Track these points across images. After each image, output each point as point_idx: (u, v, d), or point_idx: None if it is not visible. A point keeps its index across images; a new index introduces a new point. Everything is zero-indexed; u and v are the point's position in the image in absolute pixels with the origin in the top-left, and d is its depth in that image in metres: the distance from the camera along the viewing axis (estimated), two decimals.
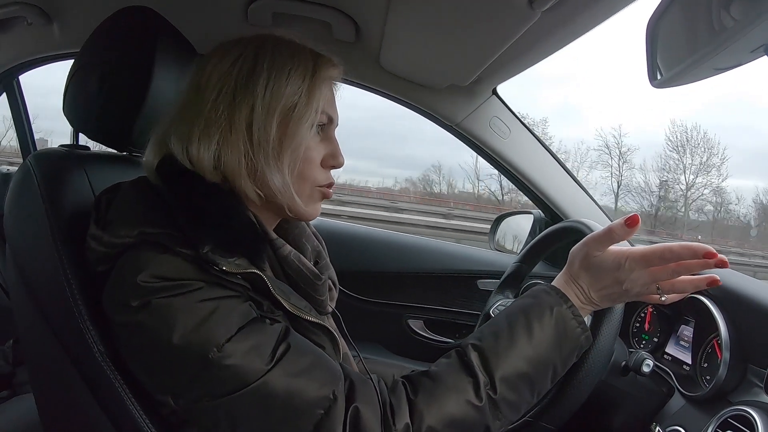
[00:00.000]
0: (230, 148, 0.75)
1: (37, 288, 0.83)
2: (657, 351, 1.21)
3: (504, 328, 0.80)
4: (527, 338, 0.78)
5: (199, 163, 0.75)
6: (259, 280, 0.73)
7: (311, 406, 0.69)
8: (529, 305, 0.82)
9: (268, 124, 0.75)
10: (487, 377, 0.76)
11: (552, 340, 0.79)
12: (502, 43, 1.04)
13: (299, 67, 0.77)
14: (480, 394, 0.75)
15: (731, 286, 1.07)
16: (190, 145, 0.75)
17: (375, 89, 1.58)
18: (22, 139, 2.00)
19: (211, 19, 1.37)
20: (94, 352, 0.77)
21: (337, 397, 0.70)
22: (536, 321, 0.79)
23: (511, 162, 1.57)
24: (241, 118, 0.75)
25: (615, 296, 0.82)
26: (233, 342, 0.67)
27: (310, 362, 0.72)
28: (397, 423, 0.71)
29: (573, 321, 0.81)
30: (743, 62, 0.64)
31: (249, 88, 0.75)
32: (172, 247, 0.70)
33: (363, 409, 0.71)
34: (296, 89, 0.76)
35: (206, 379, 0.67)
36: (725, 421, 0.89)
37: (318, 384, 0.70)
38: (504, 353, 0.77)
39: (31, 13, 1.45)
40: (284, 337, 0.72)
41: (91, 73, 0.92)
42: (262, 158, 0.75)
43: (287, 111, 0.76)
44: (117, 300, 0.71)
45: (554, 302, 0.81)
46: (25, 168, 0.88)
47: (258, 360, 0.68)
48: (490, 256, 1.84)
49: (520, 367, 0.77)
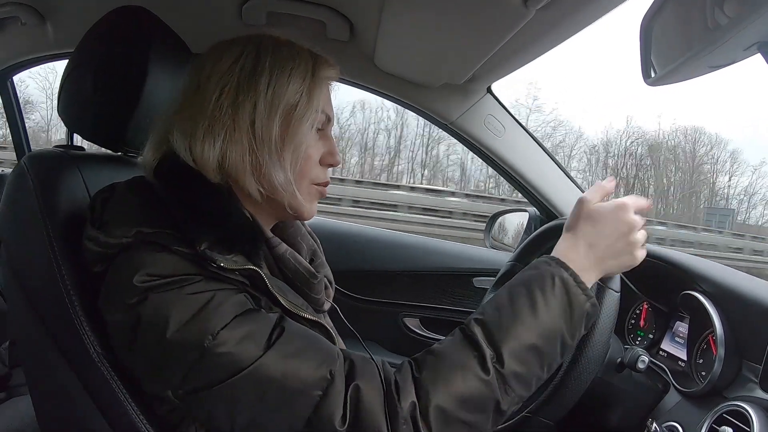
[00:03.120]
0: (235, 145, 0.75)
1: (33, 289, 0.83)
2: (652, 347, 1.21)
3: (506, 301, 0.78)
4: (531, 309, 0.76)
5: (202, 161, 0.75)
6: (257, 277, 0.73)
7: (308, 387, 0.68)
8: (530, 276, 0.80)
9: (271, 122, 0.75)
10: (492, 350, 0.73)
11: (557, 309, 0.77)
12: (496, 42, 1.05)
13: (300, 67, 0.78)
14: (487, 367, 0.72)
15: (726, 282, 1.08)
16: (194, 144, 0.75)
17: (370, 88, 1.58)
18: (16, 140, 1.99)
19: (206, 18, 1.37)
20: (91, 353, 0.77)
21: (335, 377, 0.69)
22: (539, 291, 0.77)
23: (506, 160, 1.57)
24: (245, 115, 0.75)
25: (620, 247, 0.83)
26: (228, 329, 0.67)
27: (305, 344, 0.71)
28: (402, 402, 0.70)
29: (576, 288, 0.78)
30: (737, 60, 0.65)
31: (252, 86, 0.75)
32: (169, 246, 0.70)
33: (364, 387, 0.70)
34: (298, 88, 0.77)
35: (203, 368, 0.67)
36: (720, 417, 0.90)
37: (314, 363, 0.69)
38: (508, 325, 0.75)
39: (25, 13, 1.44)
40: (279, 322, 0.71)
41: (86, 73, 0.92)
42: (266, 155, 0.75)
43: (289, 110, 0.76)
44: (114, 299, 0.71)
45: (555, 271, 0.79)
46: (19, 169, 0.87)
47: (253, 346, 0.68)
48: (485, 253, 1.85)
49: (527, 338, 0.75)
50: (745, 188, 22.73)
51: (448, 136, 1.64)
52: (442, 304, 1.77)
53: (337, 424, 0.68)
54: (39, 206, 0.83)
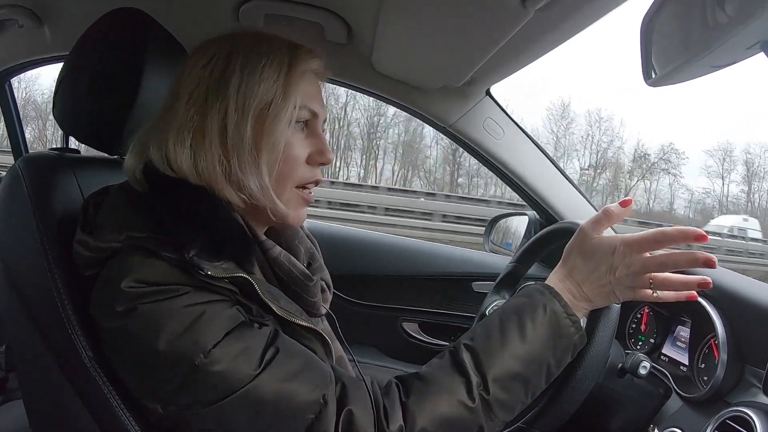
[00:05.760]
0: (205, 153, 0.73)
1: (26, 293, 0.82)
2: (654, 352, 1.20)
3: (496, 327, 0.79)
4: (520, 337, 0.78)
5: (179, 169, 0.74)
6: (247, 285, 0.71)
7: (301, 410, 0.68)
8: (521, 304, 0.81)
9: (243, 125, 0.73)
10: (479, 378, 0.75)
11: (545, 339, 0.78)
12: (494, 43, 1.04)
13: (273, 62, 0.75)
14: (473, 394, 0.74)
15: (728, 286, 1.07)
16: (167, 152, 0.74)
17: (368, 91, 1.58)
18: (14, 142, 1.99)
19: (202, 20, 1.36)
20: (83, 358, 0.76)
21: (328, 401, 0.70)
22: (529, 320, 0.79)
23: (506, 163, 1.56)
24: (213, 121, 0.73)
25: (608, 289, 0.82)
26: (220, 347, 0.66)
27: (299, 366, 0.71)
28: (390, 425, 0.71)
29: (566, 320, 0.80)
30: (739, 59, 0.64)
31: (221, 90, 0.73)
32: (158, 252, 0.69)
33: (356, 411, 0.70)
34: (270, 85, 0.74)
35: (194, 386, 0.66)
36: (723, 423, 0.89)
37: (308, 388, 0.69)
38: (496, 353, 0.76)
39: (22, 16, 1.44)
40: (273, 340, 0.71)
41: (82, 75, 0.92)
42: (236, 162, 0.73)
43: (262, 109, 0.74)
44: (103, 305, 0.70)
45: (547, 301, 0.80)
46: (13, 172, 0.87)
47: (246, 365, 0.67)
48: (485, 258, 1.84)
49: (513, 367, 0.76)
50: None
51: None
52: (441, 308, 1.76)
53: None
54: (33, 209, 0.82)
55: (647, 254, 0.79)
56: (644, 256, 0.79)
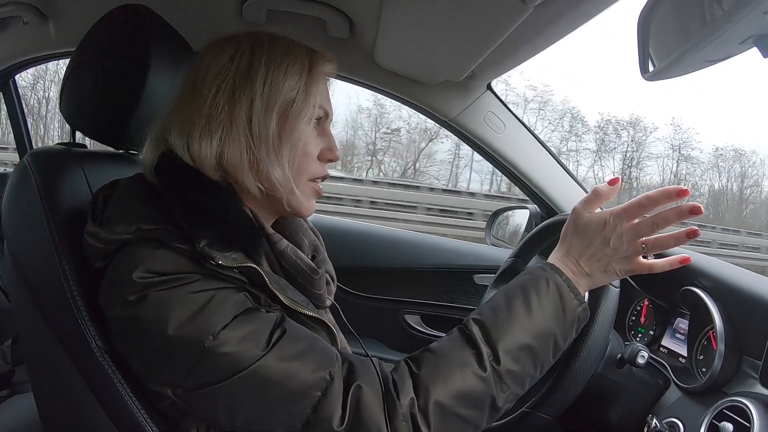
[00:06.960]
0: (232, 143, 0.75)
1: (36, 286, 0.83)
2: (653, 344, 1.21)
3: (503, 303, 0.80)
4: (526, 311, 0.79)
5: (200, 159, 0.76)
6: (256, 274, 0.73)
7: (308, 388, 0.69)
8: (525, 281, 0.83)
9: (268, 118, 0.76)
10: (489, 349, 0.76)
11: (550, 311, 0.80)
12: (495, 38, 1.05)
13: (296, 63, 0.78)
14: (484, 364, 0.75)
15: (726, 278, 1.08)
16: (191, 142, 0.76)
17: (370, 85, 1.58)
18: (18, 138, 2.00)
19: (206, 16, 1.37)
20: (93, 348, 0.77)
21: (334, 378, 0.71)
22: (534, 294, 0.80)
23: (506, 157, 1.57)
24: (242, 113, 0.75)
25: (605, 261, 0.83)
26: (229, 329, 0.68)
27: (305, 346, 0.72)
28: (401, 398, 0.72)
29: (569, 293, 0.81)
30: (733, 54, 0.65)
31: (248, 84, 0.76)
32: (168, 243, 0.70)
33: (364, 387, 0.71)
34: (294, 84, 0.77)
35: (203, 368, 0.68)
36: (721, 412, 0.90)
37: (314, 366, 0.70)
38: (504, 326, 0.78)
39: (27, 13, 1.45)
40: (279, 323, 0.72)
41: (87, 71, 0.93)
42: (263, 152, 0.76)
43: (286, 106, 0.77)
44: (113, 295, 0.71)
45: (549, 276, 0.82)
46: (22, 166, 0.88)
47: (253, 346, 0.68)
48: (486, 250, 1.85)
49: (522, 338, 0.77)
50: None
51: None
52: (443, 301, 1.77)
53: (336, 425, 0.69)
54: (41, 203, 0.83)
55: (636, 220, 0.81)
56: (634, 223, 0.81)
